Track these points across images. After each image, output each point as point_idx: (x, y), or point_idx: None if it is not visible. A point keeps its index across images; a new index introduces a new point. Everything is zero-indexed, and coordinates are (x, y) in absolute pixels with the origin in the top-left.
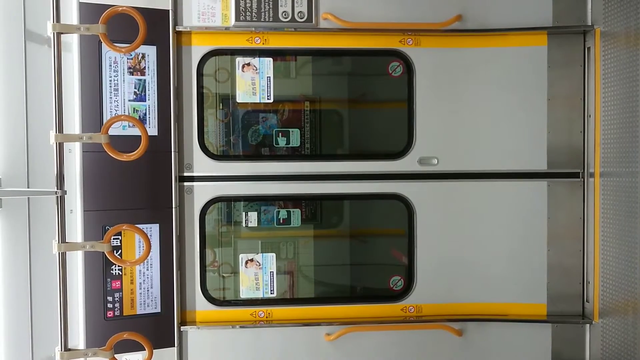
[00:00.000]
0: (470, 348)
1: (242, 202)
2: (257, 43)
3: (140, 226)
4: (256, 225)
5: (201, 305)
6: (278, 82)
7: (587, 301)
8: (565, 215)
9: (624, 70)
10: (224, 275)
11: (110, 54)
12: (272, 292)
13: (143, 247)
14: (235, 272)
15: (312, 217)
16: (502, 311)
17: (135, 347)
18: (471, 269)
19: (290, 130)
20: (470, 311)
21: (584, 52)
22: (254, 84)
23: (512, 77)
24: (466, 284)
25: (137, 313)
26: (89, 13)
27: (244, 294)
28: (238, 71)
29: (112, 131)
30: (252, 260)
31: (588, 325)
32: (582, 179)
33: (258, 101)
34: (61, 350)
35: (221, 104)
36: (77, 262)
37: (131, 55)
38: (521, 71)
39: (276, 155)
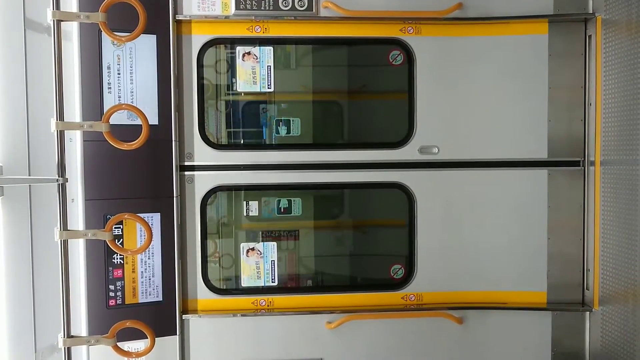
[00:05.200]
0: (471, 336)
1: (242, 191)
2: (258, 32)
3: (141, 215)
4: (257, 214)
5: (203, 294)
6: (278, 71)
7: (587, 289)
8: (566, 204)
9: (625, 58)
10: (224, 266)
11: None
12: (273, 280)
13: (144, 236)
14: (236, 261)
15: (313, 206)
16: (502, 299)
17: (137, 335)
18: (472, 257)
19: (291, 119)
20: (471, 299)
21: (585, 40)
22: (254, 73)
23: (513, 65)
24: (467, 272)
25: (139, 302)
26: (88, 2)
27: (245, 283)
28: (238, 60)
29: (113, 121)
30: (253, 249)
31: (588, 312)
32: (583, 168)
33: (259, 90)
34: (64, 337)
35: (221, 93)
36: (78, 251)
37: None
38: (522, 59)
39: (277, 145)
